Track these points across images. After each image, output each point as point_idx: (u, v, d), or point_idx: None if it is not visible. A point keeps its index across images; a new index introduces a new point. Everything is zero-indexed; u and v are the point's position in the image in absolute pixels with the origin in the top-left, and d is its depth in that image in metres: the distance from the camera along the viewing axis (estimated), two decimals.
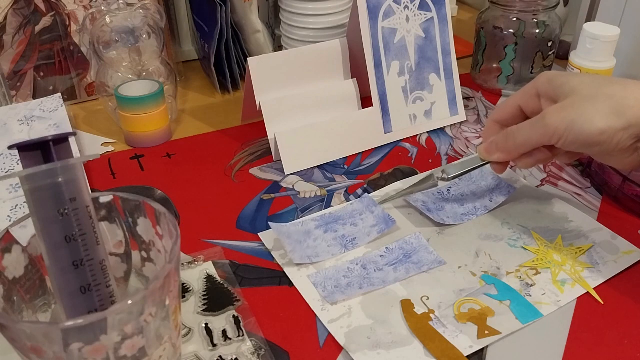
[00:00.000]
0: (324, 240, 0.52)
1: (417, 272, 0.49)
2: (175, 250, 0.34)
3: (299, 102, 0.65)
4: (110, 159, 0.66)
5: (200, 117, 0.74)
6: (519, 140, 0.49)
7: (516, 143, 0.49)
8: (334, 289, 0.47)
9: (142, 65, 0.71)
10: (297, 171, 0.63)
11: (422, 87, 0.69)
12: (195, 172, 0.63)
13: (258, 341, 0.43)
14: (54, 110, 0.68)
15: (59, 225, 0.33)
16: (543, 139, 0.47)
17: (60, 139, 0.33)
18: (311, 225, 0.53)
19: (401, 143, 0.68)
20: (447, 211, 0.56)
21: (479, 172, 0.60)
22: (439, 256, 0.50)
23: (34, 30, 0.71)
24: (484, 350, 0.42)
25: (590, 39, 0.62)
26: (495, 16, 0.76)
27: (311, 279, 0.48)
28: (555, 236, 0.53)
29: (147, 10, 0.70)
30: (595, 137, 0.44)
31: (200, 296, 0.46)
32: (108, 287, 0.35)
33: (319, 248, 0.51)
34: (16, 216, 0.55)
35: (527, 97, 0.50)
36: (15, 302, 0.35)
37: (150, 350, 0.34)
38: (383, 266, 0.49)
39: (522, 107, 0.51)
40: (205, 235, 0.54)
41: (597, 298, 0.47)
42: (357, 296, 0.46)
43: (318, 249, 0.50)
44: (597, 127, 0.44)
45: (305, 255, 0.49)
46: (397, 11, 0.66)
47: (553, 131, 0.46)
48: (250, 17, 0.78)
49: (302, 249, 0.50)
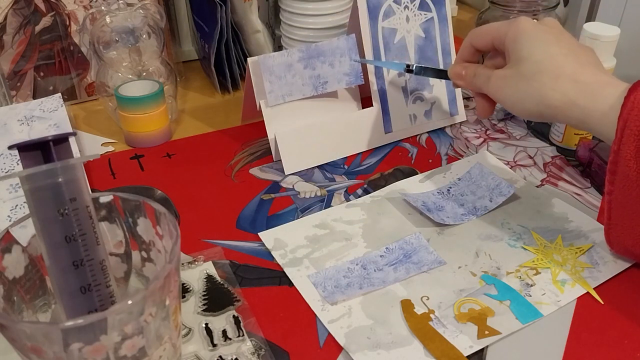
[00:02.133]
0: (301, 77, 0.53)
1: (417, 272, 0.49)
2: (175, 250, 0.34)
3: (299, 102, 0.65)
4: (110, 159, 0.66)
5: (200, 117, 0.74)
6: (475, 83, 0.53)
7: (475, 84, 0.54)
8: (334, 289, 0.47)
9: (142, 65, 0.71)
10: (297, 171, 0.63)
11: (422, 87, 0.69)
12: (195, 172, 0.63)
13: (258, 341, 0.43)
14: (54, 110, 0.68)
15: (59, 225, 0.33)
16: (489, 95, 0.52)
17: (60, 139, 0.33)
18: (295, 56, 0.55)
19: (401, 143, 0.68)
20: (447, 211, 0.56)
21: (479, 171, 0.60)
22: (439, 256, 0.50)
23: (34, 30, 0.71)
24: (484, 350, 0.42)
25: (590, 39, 0.62)
26: (495, 16, 0.75)
27: (311, 279, 0.48)
28: (555, 236, 0.53)
29: (147, 10, 0.70)
30: (525, 115, 0.49)
31: (200, 296, 0.46)
32: (108, 287, 0.35)
33: (294, 86, 0.52)
34: (16, 216, 0.55)
35: (498, 40, 0.51)
36: (15, 302, 0.35)
37: (150, 350, 0.34)
38: (383, 266, 0.49)
39: (494, 45, 0.52)
40: (205, 235, 0.54)
41: (597, 298, 0.47)
42: (357, 296, 0.46)
43: (293, 87, 0.51)
44: (525, 109, 0.48)
45: (280, 95, 0.50)
46: (397, 11, 0.66)
47: (494, 96, 0.51)
48: (250, 17, 0.78)
49: (279, 87, 0.51)
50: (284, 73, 0.54)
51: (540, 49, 0.47)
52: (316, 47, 0.56)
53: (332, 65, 0.54)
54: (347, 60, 0.55)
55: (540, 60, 0.47)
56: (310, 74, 0.54)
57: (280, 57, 0.56)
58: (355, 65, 0.55)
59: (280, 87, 0.52)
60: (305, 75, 0.54)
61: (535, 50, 0.47)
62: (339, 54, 0.56)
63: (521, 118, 0.50)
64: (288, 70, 0.54)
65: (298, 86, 0.52)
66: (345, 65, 0.54)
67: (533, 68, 0.47)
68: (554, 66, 0.46)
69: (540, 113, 0.47)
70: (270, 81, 0.52)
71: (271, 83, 0.52)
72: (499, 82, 0.50)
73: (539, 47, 0.47)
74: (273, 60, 0.56)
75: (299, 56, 0.56)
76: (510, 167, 0.63)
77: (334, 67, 0.54)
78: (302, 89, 0.52)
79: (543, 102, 0.46)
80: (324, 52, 0.56)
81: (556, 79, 0.45)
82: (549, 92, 0.45)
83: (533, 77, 0.46)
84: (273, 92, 0.52)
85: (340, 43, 0.56)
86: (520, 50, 0.48)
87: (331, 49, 0.56)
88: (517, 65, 0.48)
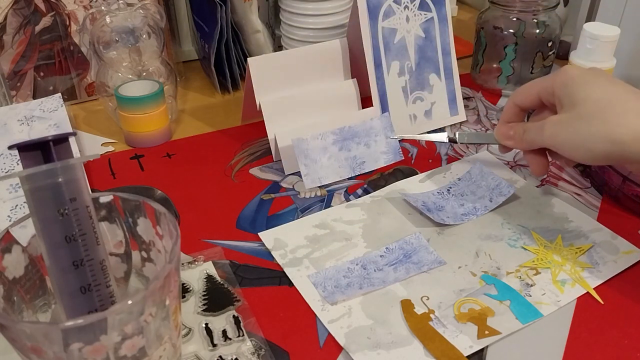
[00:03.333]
0: (337, 159, 0.52)
1: (417, 272, 0.49)
2: (175, 250, 0.34)
3: (299, 102, 0.65)
4: (110, 159, 0.66)
5: (200, 117, 0.74)
6: (527, 138, 0.51)
7: (526, 140, 0.51)
8: (334, 289, 0.47)
9: (142, 65, 0.71)
10: (297, 171, 0.63)
11: (422, 87, 0.69)
12: (195, 172, 0.63)
13: (258, 341, 0.43)
14: (54, 110, 0.68)
15: (59, 225, 0.33)
16: (544, 145, 0.49)
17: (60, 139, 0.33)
18: (329, 139, 0.54)
19: (401, 143, 0.68)
20: (447, 211, 0.56)
21: (479, 171, 0.60)
22: (439, 256, 0.50)
23: (34, 30, 0.71)
24: (484, 350, 0.42)
25: (590, 39, 0.62)
26: (495, 16, 0.76)
27: (311, 279, 0.48)
28: (555, 236, 0.53)
29: (147, 10, 0.70)
30: (588, 158, 0.46)
31: (200, 296, 0.46)
32: (108, 287, 0.35)
33: (330, 169, 0.51)
34: (16, 216, 0.55)
35: (545, 91, 0.50)
36: (15, 302, 0.35)
37: (150, 350, 0.34)
38: (383, 266, 0.49)
39: (541, 98, 0.51)
40: (205, 235, 0.54)
41: (597, 298, 0.47)
42: (357, 296, 0.46)
43: (329, 170, 0.51)
44: (588, 150, 0.45)
45: (317, 177, 0.50)
46: (397, 11, 0.66)
47: (550, 143, 0.48)
48: (250, 17, 0.78)
49: (315, 170, 0.50)
50: (319, 156, 0.53)
51: (598, 88, 0.46)
52: (350, 129, 0.56)
53: (368, 145, 0.54)
54: (382, 139, 0.55)
55: (600, 99, 0.45)
56: (346, 156, 0.53)
57: (313, 140, 0.55)
58: (392, 142, 0.55)
59: (316, 171, 0.51)
60: (341, 157, 0.53)
61: (592, 91, 0.46)
62: (374, 133, 0.56)
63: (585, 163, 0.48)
64: (323, 153, 0.53)
65: (334, 169, 0.51)
66: (382, 144, 0.54)
67: (593, 108, 0.45)
68: (618, 103, 0.44)
69: (606, 152, 0.44)
70: (305, 164, 0.51)
71: (307, 166, 0.51)
72: (555, 128, 0.47)
73: (596, 88, 0.46)
74: (307, 144, 0.55)
75: (333, 139, 0.55)
76: (510, 167, 0.63)
77: (370, 147, 0.53)
78: (338, 171, 0.51)
79: (609, 139, 0.44)
80: (358, 133, 0.55)
81: (622, 114, 0.44)
82: (615, 128, 0.43)
83: (594, 117, 0.44)
84: (309, 176, 0.50)
85: (374, 123, 0.56)
86: (575, 93, 0.46)
87: (365, 129, 0.55)
88: (574, 109, 0.46)
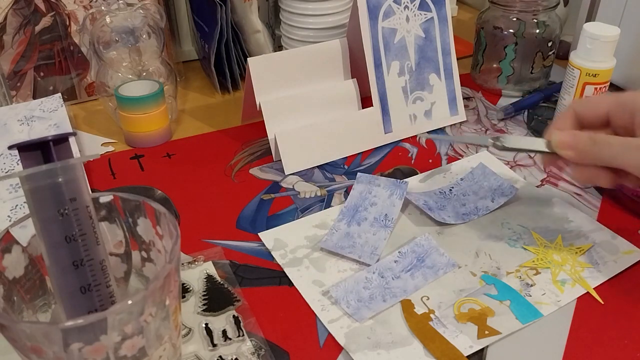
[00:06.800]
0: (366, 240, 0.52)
1: (434, 277, 0.48)
2: (175, 250, 0.34)
3: (299, 102, 0.65)
4: (110, 159, 0.66)
5: (200, 117, 0.74)
6: (604, 153, 0.43)
7: (600, 155, 0.44)
8: (358, 304, 0.46)
9: (142, 65, 0.71)
10: (297, 171, 0.63)
11: (422, 87, 0.69)
12: (195, 172, 0.63)
13: (258, 341, 0.43)
14: (54, 110, 0.68)
15: (59, 225, 0.33)
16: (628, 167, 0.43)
17: (60, 139, 0.33)
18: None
19: (401, 143, 0.68)
20: (448, 210, 0.56)
21: (481, 172, 0.60)
22: (450, 258, 0.50)
23: (34, 30, 0.71)
24: (484, 350, 0.42)
25: (590, 39, 0.62)
26: (495, 16, 0.76)
27: (332, 293, 0.46)
28: (555, 236, 0.53)
29: (147, 10, 0.70)
30: None
31: (200, 296, 0.46)
32: (108, 287, 0.35)
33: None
34: (16, 216, 0.55)
35: (621, 109, 0.45)
36: (15, 302, 0.35)
37: (150, 350, 0.34)
38: (399, 273, 0.49)
39: (610, 115, 0.46)
40: (205, 235, 0.54)
41: (597, 298, 0.47)
42: (383, 310, 0.45)
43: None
44: None
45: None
46: (397, 11, 0.66)
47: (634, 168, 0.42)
48: (250, 17, 0.78)
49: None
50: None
51: None
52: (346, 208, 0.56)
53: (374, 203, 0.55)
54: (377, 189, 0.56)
55: None
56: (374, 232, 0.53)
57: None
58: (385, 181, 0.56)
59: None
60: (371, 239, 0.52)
61: None
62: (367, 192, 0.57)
63: None
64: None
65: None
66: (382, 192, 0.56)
67: None
68: None
69: None
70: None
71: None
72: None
73: None
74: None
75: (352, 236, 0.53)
76: (510, 167, 0.63)
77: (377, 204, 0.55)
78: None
79: None
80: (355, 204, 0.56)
81: None
82: None
83: None
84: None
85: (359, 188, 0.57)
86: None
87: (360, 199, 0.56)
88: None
